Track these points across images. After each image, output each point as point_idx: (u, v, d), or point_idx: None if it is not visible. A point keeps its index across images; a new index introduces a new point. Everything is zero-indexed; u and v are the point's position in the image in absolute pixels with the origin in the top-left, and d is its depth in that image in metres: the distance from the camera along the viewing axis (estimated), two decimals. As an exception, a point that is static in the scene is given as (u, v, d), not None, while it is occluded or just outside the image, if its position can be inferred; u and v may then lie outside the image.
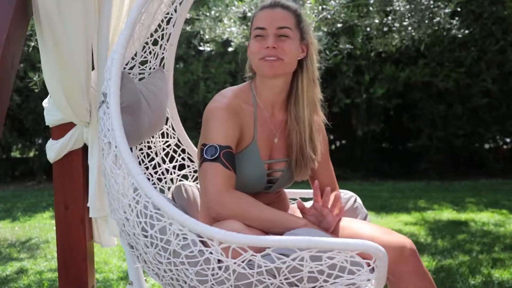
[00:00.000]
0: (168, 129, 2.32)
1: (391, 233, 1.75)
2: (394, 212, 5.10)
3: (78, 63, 2.12)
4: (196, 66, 6.97)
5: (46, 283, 3.18)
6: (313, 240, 1.46)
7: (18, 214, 5.31)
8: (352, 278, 1.53)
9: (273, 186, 1.90)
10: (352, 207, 2.07)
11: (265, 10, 1.82)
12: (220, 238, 1.51)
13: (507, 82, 7.13)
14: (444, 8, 4.59)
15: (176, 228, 1.59)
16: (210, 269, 1.56)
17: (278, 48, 1.77)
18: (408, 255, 1.69)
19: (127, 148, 1.67)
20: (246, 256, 1.52)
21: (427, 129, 7.38)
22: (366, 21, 4.87)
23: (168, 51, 2.25)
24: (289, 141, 1.89)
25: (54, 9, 2.04)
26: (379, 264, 1.49)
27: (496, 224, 4.56)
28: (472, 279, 3.12)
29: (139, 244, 1.69)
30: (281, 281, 1.53)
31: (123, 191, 1.69)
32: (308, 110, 1.86)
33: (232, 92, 1.86)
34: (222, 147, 1.72)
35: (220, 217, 1.68)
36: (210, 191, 1.69)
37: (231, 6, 4.76)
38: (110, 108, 1.73)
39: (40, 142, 7.52)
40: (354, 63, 7.00)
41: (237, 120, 1.79)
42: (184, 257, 1.59)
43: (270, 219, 1.70)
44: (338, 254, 1.50)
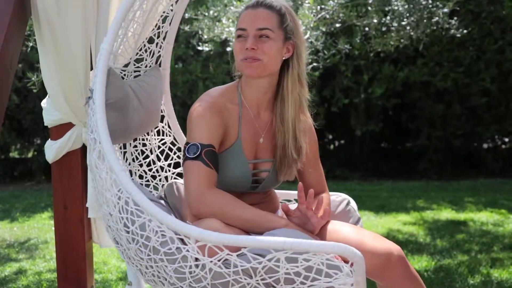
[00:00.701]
0: (164, 127, 2.33)
1: (379, 239, 1.74)
2: (393, 212, 5.10)
3: (77, 63, 2.12)
4: (194, 66, 6.97)
5: (45, 283, 3.18)
6: (288, 241, 1.47)
7: (16, 214, 5.30)
8: (330, 281, 1.53)
9: (259, 186, 1.90)
10: (344, 210, 2.05)
11: (248, 10, 1.81)
12: (196, 236, 1.54)
13: (506, 81, 7.14)
14: (443, 7, 4.59)
15: (155, 225, 1.61)
16: (188, 267, 1.58)
17: (258, 49, 1.77)
18: (395, 261, 1.69)
19: (110, 145, 1.68)
20: (222, 255, 1.53)
21: (426, 128, 7.38)
22: (364, 21, 4.87)
23: (165, 49, 2.26)
24: (274, 140, 1.89)
25: (53, 9, 2.04)
26: (357, 268, 1.50)
27: (495, 223, 4.56)
28: (471, 279, 3.12)
29: (122, 240, 1.72)
30: (257, 282, 1.54)
31: (106, 186, 1.71)
32: (293, 110, 1.85)
33: (217, 91, 1.87)
34: (204, 146, 1.73)
35: (200, 215, 1.69)
36: (190, 189, 1.70)
37: (229, 6, 4.75)
38: (95, 104, 1.74)
39: (39, 143, 7.51)
40: (352, 63, 7.00)
41: (220, 119, 1.80)
42: (163, 253, 1.61)
43: (251, 219, 1.70)
44: (314, 257, 1.50)
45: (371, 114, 7.42)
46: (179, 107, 6.88)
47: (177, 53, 6.89)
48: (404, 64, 7.10)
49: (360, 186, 6.72)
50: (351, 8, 4.82)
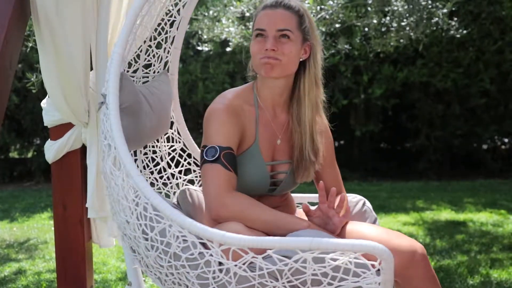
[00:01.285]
0: (174, 133, 2.30)
1: (401, 236, 1.71)
2: (392, 212, 5.10)
3: (77, 63, 2.12)
4: (194, 66, 6.96)
5: (44, 283, 3.18)
6: (315, 241, 1.43)
7: (16, 214, 5.30)
8: (358, 281, 1.48)
9: (277, 189, 1.87)
10: (360, 210, 2.02)
11: (266, 10, 1.78)
12: (219, 240, 1.48)
13: (505, 82, 7.14)
14: (442, 8, 4.60)
15: (175, 230, 1.56)
16: (211, 272, 1.53)
17: (278, 50, 1.75)
18: (419, 259, 1.65)
19: (126, 150, 1.64)
20: (247, 258, 1.49)
21: (425, 129, 7.39)
22: (364, 21, 4.87)
23: (172, 54, 2.24)
24: (292, 141, 1.87)
25: (52, 9, 2.04)
26: (385, 266, 1.45)
27: (495, 224, 4.56)
28: (471, 279, 3.12)
29: (140, 248, 1.67)
30: (283, 284, 1.50)
31: (123, 193, 1.67)
32: (310, 112, 1.84)
33: (233, 93, 1.84)
34: (223, 148, 1.70)
35: (220, 219, 1.66)
36: (210, 192, 1.67)
37: (229, 6, 4.75)
38: (109, 109, 1.71)
39: (39, 143, 7.51)
40: (352, 64, 7.00)
41: (238, 121, 1.77)
42: (185, 259, 1.56)
43: (272, 221, 1.67)
44: (342, 256, 1.45)
45: (370, 114, 7.42)
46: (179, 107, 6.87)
47: (176, 53, 6.89)
48: (403, 64, 7.10)
49: (360, 187, 6.72)
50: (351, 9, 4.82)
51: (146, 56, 2.11)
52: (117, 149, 1.65)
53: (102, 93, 1.81)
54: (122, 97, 1.78)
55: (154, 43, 2.12)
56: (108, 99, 1.73)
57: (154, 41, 2.11)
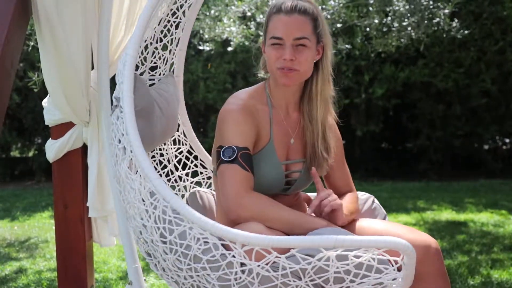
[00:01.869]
0: (180, 135, 2.30)
1: (416, 232, 1.71)
2: (393, 213, 5.10)
3: (78, 62, 2.12)
4: (195, 66, 6.96)
5: (45, 282, 3.18)
6: (339, 238, 1.42)
7: (17, 213, 5.31)
8: (380, 277, 1.49)
9: (291, 188, 1.87)
10: (370, 208, 2.02)
11: (281, 15, 1.75)
12: (243, 240, 1.47)
13: (507, 82, 7.13)
14: (444, 8, 4.59)
15: (196, 232, 1.55)
16: (233, 273, 1.53)
17: (295, 60, 1.74)
18: (433, 254, 1.66)
19: (143, 152, 1.63)
20: (270, 258, 1.48)
21: (426, 129, 7.38)
22: (365, 21, 4.87)
23: (178, 56, 2.24)
24: (304, 140, 1.87)
25: (53, 8, 2.04)
26: (407, 261, 1.46)
27: (495, 224, 4.56)
28: (471, 280, 3.12)
29: (157, 251, 1.65)
30: (306, 283, 1.49)
31: (139, 197, 1.66)
32: (322, 109, 1.84)
33: (246, 94, 1.84)
34: (240, 148, 1.70)
35: (239, 219, 1.65)
36: (228, 193, 1.66)
37: (230, 6, 4.75)
38: (124, 112, 1.69)
39: (40, 142, 7.51)
40: (353, 63, 7.00)
41: (253, 121, 1.77)
42: (206, 262, 1.55)
43: (290, 220, 1.67)
44: (365, 253, 1.45)
45: (371, 114, 7.42)
46: (180, 106, 6.87)
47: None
48: (405, 64, 7.10)
49: (360, 187, 6.72)
50: (352, 8, 4.82)
51: (152, 58, 2.10)
52: (134, 152, 1.64)
53: (115, 96, 1.79)
54: (135, 100, 1.77)
55: (160, 45, 2.11)
56: (122, 101, 1.71)
57: (160, 43, 2.11)
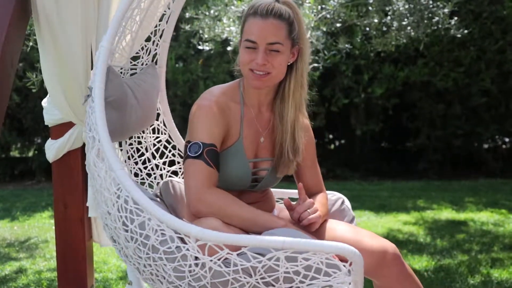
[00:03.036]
0: (160, 125, 2.33)
1: (374, 237, 1.76)
2: (393, 212, 5.10)
3: (77, 62, 2.12)
4: (195, 65, 6.97)
5: (45, 282, 3.18)
6: (288, 240, 1.48)
7: (17, 213, 5.30)
8: (329, 280, 1.54)
9: (258, 185, 1.90)
10: (339, 208, 2.07)
11: (257, 19, 1.75)
12: (196, 235, 1.54)
13: (506, 81, 7.13)
14: (443, 8, 4.59)
15: (154, 223, 1.61)
16: (187, 266, 1.58)
17: (268, 64, 1.75)
18: (391, 259, 1.70)
19: (109, 143, 1.68)
20: (222, 254, 1.54)
21: (426, 128, 7.38)
22: (365, 20, 4.86)
23: (161, 47, 2.26)
24: (273, 139, 1.90)
25: (53, 8, 2.04)
26: (355, 267, 1.50)
27: (495, 223, 4.56)
28: (471, 279, 3.12)
29: (120, 238, 1.71)
30: (257, 280, 1.55)
31: (105, 185, 1.71)
32: (293, 111, 1.86)
33: (219, 90, 1.87)
34: (206, 145, 1.73)
35: (199, 214, 1.70)
36: (191, 188, 1.71)
37: (230, 6, 4.75)
38: (94, 102, 1.74)
39: (39, 142, 7.51)
40: (353, 63, 7.00)
41: (223, 118, 1.80)
42: (162, 252, 1.61)
43: (249, 218, 1.71)
44: (314, 256, 1.51)
45: (371, 114, 7.42)
46: (180, 106, 6.87)
47: (177, 52, 6.89)
48: (404, 64, 7.10)
49: (360, 186, 6.72)
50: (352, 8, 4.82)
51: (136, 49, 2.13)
52: (101, 142, 1.69)
53: (89, 86, 1.84)
54: (108, 91, 1.81)
55: None
56: (93, 92, 1.76)
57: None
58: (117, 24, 1.82)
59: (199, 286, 1.59)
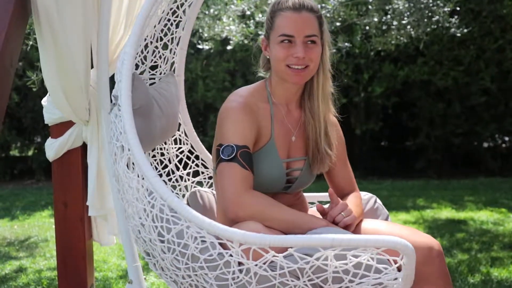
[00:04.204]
0: (181, 135, 2.29)
1: (418, 233, 1.71)
2: (393, 211, 5.10)
3: (77, 61, 2.12)
4: (195, 64, 6.96)
5: (45, 281, 3.18)
6: (337, 237, 1.41)
7: (17, 212, 5.31)
8: (379, 277, 1.48)
9: (292, 186, 1.86)
10: (372, 208, 2.02)
11: (290, 13, 1.74)
12: (240, 239, 1.47)
13: (506, 80, 7.14)
14: (443, 6, 4.59)
15: (193, 231, 1.55)
16: (231, 273, 1.52)
17: (306, 57, 1.74)
18: (435, 256, 1.66)
19: (141, 151, 1.63)
20: (268, 257, 1.47)
21: (425, 127, 7.38)
22: (365, 19, 4.87)
23: (178, 55, 2.23)
24: (306, 137, 1.86)
25: (53, 7, 2.04)
26: (407, 261, 1.45)
27: (495, 222, 4.56)
28: (471, 278, 3.12)
29: (155, 251, 1.65)
30: (305, 283, 1.49)
31: (137, 195, 1.65)
32: (323, 105, 1.84)
33: (247, 91, 1.83)
34: (239, 147, 1.69)
35: (238, 218, 1.65)
36: (227, 191, 1.66)
37: (230, 5, 4.75)
38: (122, 110, 1.69)
39: (39, 141, 7.51)
40: (352, 62, 7.00)
41: (253, 119, 1.76)
42: (203, 261, 1.54)
43: (290, 220, 1.66)
44: (364, 252, 1.44)
45: (371, 113, 7.42)
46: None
47: (177, 51, 6.88)
48: (404, 63, 7.10)
49: (360, 185, 6.67)
50: (352, 7, 4.82)
51: (152, 57, 2.09)
52: (132, 150, 1.64)
53: (114, 94, 1.79)
54: (134, 98, 1.76)
55: (161, 44, 2.10)
56: (120, 100, 1.71)
57: (161, 42, 2.10)
58: (140, 31, 1.78)
59: None
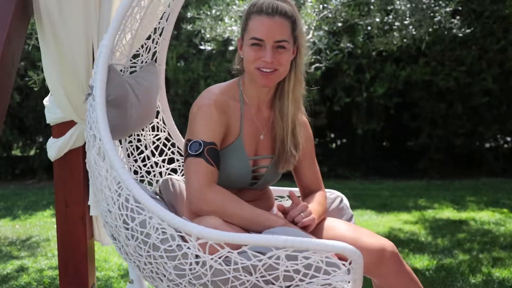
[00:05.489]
0: (159, 122, 2.34)
1: (372, 235, 1.77)
2: (394, 211, 5.10)
3: (79, 61, 2.13)
4: (196, 64, 6.97)
5: (46, 281, 3.19)
6: (289, 239, 1.49)
7: (18, 212, 5.31)
8: (328, 278, 1.55)
9: (258, 183, 1.92)
10: (337, 207, 2.08)
11: (262, 17, 1.77)
12: (197, 234, 1.54)
13: (508, 81, 7.13)
14: (445, 7, 4.59)
15: (155, 222, 1.62)
16: (188, 264, 1.59)
17: (275, 61, 1.77)
18: (389, 257, 1.72)
19: (111, 142, 1.69)
20: (223, 253, 1.55)
21: (427, 127, 7.38)
22: (367, 20, 4.87)
23: (161, 45, 2.26)
24: (274, 136, 1.91)
25: (55, 7, 2.04)
26: (355, 266, 1.51)
27: (496, 223, 4.56)
28: (473, 278, 3.12)
29: (120, 236, 1.72)
30: (257, 279, 1.56)
31: (106, 183, 1.72)
32: (292, 106, 1.88)
33: (219, 89, 1.88)
34: (206, 143, 1.75)
35: (201, 213, 1.71)
36: (192, 186, 1.72)
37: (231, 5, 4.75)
38: (95, 101, 1.75)
39: (41, 141, 7.52)
40: (355, 62, 6.99)
41: (223, 117, 1.81)
42: (163, 251, 1.62)
43: (250, 217, 1.72)
44: (314, 254, 1.52)
45: (372, 113, 7.42)
46: (181, 105, 6.87)
47: (179, 51, 6.89)
48: (406, 63, 7.09)
49: (362, 185, 6.72)
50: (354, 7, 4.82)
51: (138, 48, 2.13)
52: (102, 140, 1.70)
53: (90, 85, 1.84)
54: (109, 89, 1.81)
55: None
56: (95, 90, 1.76)
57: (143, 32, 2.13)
58: (118, 23, 1.83)
59: (200, 284, 1.60)
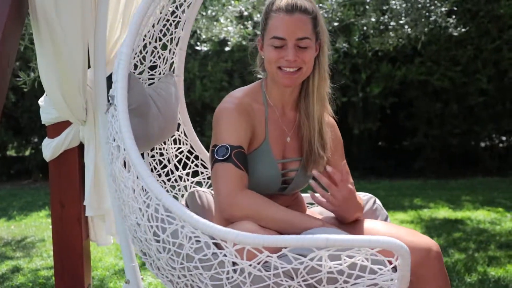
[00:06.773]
0: (180, 135, 2.29)
1: (416, 234, 1.70)
2: (390, 210, 5.11)
3: (75, 61, 2.12)
4: (192, 64, 6.96)
5: (42, 281, 3.18)
6: (331, 238, 1.40)
7: (14, 212, 5.30)
8: (374, 278, 1.47)
9: (288, 187, 1.85)
10: (371, 208, 2.00)
11: (282, 14, 1.72)
12: (233, 239, 1.46)
13: (503, 80, 7.15)
14: (441, 6, 4.60)
15: (188, 230, 1.55)
16: (225, 273, 1.51)
17: (298, 60, 1.73)
18: (433, 257, 1.65)
19: (136, 151, 1.62)
20: (262, 257, 1.47)
21: (423, 127, 7.39)
22: (362, 19, 4.88)
23: (178, 55, 2.23)
24: (301, 138, 1.85)
25: (51, 7, 2.03)
26: (401, 262, 1.44)
27: (492, 222, 4.57)
28: (468, 277, 3.13)
29: (151, 250, 1.65)
30: (299, 283, 1.48)
31: (133, 195, 1.65)
32: (318, 106, 1.83)
33: (242, 92, 1.83)
34: (233, 147, 1.69)
35: (233, 218, 1.64)
36: (222, 192, 1.66)
37: (227, 6, 4.75)
38: (118, 110, 1.69)
39: (36, 141, 7.50)
40: (350, 62, 7.00)
41: (248, 120, 1.76)
42: (198, 260, 1.54)
43: (285, 219, 1.65)
44: (358, 252, 1.43)
45: (368, 112, 7.43)
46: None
47: (174, 51, 6.88)
48: (401, 62, 7.10)
49: (358, 185, 6.70)
50: (349, 7, 4.83)
51: (151, 57, 2.09)
52: (127, 150, 1.63)
53: (110, 94, 1.78)
54: (130, 98, 1.76)
55: (160, 45, 2.09)
56: (116, 100, 1.70)
57: (160, 42, 2.09)
58: (136, 31, 1.77)
59: None
